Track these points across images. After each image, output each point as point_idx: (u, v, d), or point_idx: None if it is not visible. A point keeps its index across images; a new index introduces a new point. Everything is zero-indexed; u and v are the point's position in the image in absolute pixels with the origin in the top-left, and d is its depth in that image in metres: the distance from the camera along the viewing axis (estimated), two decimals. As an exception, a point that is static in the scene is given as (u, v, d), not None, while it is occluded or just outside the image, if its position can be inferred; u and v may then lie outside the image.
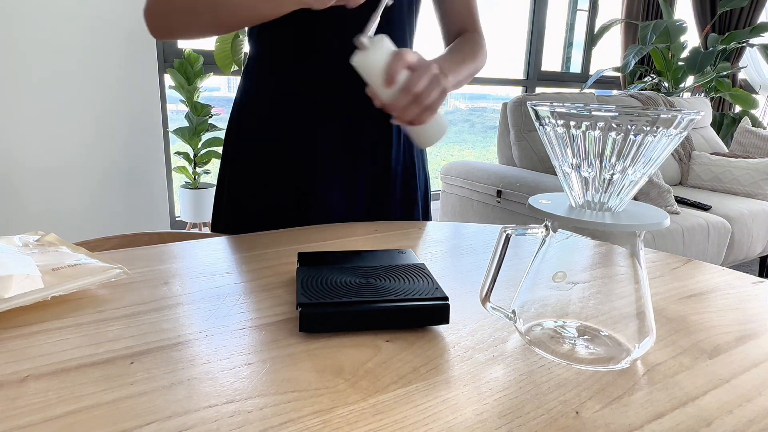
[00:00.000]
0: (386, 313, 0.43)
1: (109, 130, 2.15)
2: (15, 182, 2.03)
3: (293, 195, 0.81)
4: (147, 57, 2.16)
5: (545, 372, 0.39)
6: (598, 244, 0.40)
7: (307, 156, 0.80)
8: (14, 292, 0.44)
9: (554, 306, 0.41)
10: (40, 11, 1.93)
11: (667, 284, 0.58)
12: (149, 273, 0.55)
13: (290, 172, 0.81)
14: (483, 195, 2.37)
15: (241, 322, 0.45)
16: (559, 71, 3.77)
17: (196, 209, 2.37)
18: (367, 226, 0.76)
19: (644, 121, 0.35)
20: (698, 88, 3.78)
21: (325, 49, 0.77)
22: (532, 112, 0.39)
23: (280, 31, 0.77)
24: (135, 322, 0.44)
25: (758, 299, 0.55)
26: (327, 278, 0.47)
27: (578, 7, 3.76)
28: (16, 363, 0.37)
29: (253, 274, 0.56)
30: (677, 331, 0.47)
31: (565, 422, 0.33)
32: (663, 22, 3.39)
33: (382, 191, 0.85)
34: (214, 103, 2.36)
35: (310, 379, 0.37)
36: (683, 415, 0.35)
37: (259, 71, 0.81)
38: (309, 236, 0.70)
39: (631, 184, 0.38)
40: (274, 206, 0.82)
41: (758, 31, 3.44)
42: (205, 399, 0.34)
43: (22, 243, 0.55)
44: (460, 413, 0.34)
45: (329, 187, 0.81)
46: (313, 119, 0.80)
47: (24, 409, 0.32)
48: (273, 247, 0.65)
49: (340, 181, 0.82)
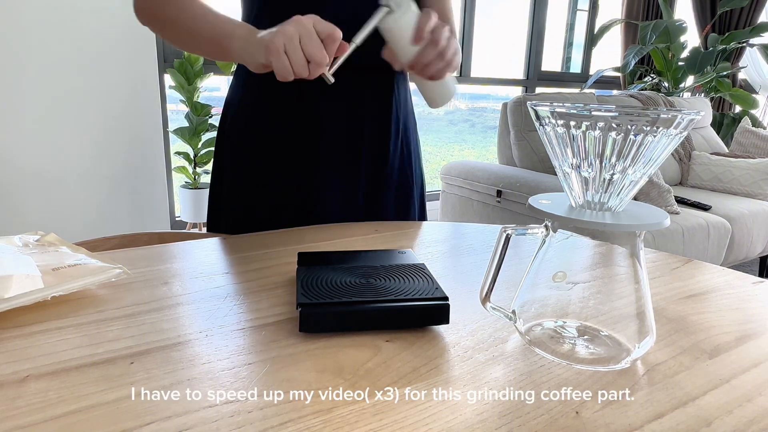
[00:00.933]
0: (386, 313, 0.43)
1: (109, 130, 2.16)
2: (15, 182, 2.03)
3: (294, 189, 0.81)
4: (147, 57, 2.16)
5: (545, 372, 0.39)
6: (598, 244, 0.40)
7: (307, 152, 0.80)
8: (14, 292, 0.44)
9: (554, 306, 0.41)
10: (40, 12, 1.93)
11: (667, 284, 0.58)
12: (149, 273, 0.55)
13: (290, 167, 0.81)
14: (483, 195, 2.37)
15: (241, 322, 0.45)
16: (559, 71, 3.77)
17: (196, 209, 2.37)
18: (367, 226, 0.76)
19: (644, 121, 0.35)
20: (698, 88, 3.78)
21: None
22: (532, 112, 0.39)
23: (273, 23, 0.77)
24: (135, 322, 0.44)
25: (758, 299, 0.55)
26: (327, 278, 0.47)
27: (578, 7, 3.76)
28: (16, 363, 0.37)
29: (253, 274, 0.56)
30: (677, 331, 0.47)
31: (565, 422, 0.33)
32: (663, 22, 3.39)
33: (379, 188, 0.85)
34: (214, 103, 2.36)
35: (310, 379, 0.37)
36: (683, 415, 0.35)
37: None
38: (309, 236, 0.70)
39: (631, 184, 0.38)
40: (274, 204, 0.82)
41: (758, 31, 3.44)
42: (205, 399, 0.34)
43: (22, 243, 0.55)
44: (460, 413, 0.34)
45: (329, 183, 0.81)
46: (311, 113, 0.79)
47: (24, 409, 0.32)
48: (273, 247, 0.65)
49: (340, 177, 0.82)
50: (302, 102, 0.79)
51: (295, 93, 0.78)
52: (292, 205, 0.81)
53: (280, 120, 0.80)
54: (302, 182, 0.81)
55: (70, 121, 2.07)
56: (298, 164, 0.80)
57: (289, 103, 0.79)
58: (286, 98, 0.79)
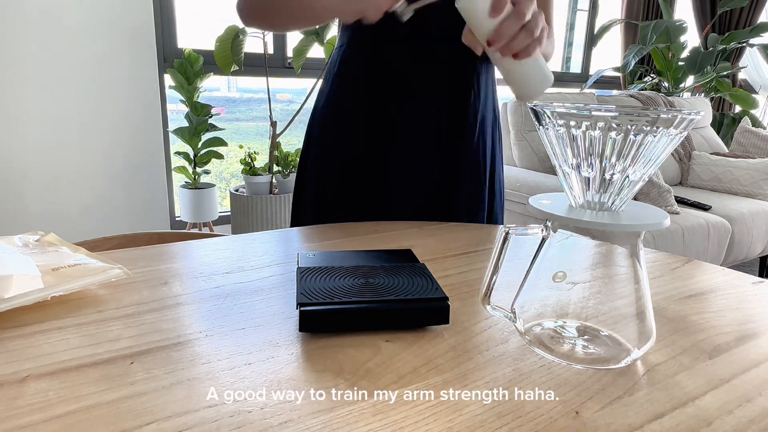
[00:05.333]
0: (386, 313, 0.43)
1: (109, 131, 2.16)
2: (15, 182, 2.03)
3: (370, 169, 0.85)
4: (147, 57, 2.16)
5: (545, 372, 0.39)
6: (598, 244, 0.40)
7: (385, 140, 0.84)
8: (14, 292, 0.44)
9: (554, 306, 0.41)
10: (40, 12, 1.93)
11: (667, 284, 0.58)
12: (149, 273, 0.55)
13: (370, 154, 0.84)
14: (483, 195, 2.37)
15: (241, 322, 0.45)
16: (559, 71, 3.77)
17: (196, 209, 2.37)
18: (367, 226, 0.76)
19: (644, 121, 0.35)
20: (698, 88, 3.78)
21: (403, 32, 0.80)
22: (532, 112, 0.39)
23: (363, 29, 0.82)
24: (135, 322, 0.44)
25: (758, 299, 0.55)
26: (327, 278, 0.47)
27: (578, 7, 3.76)
28: (16, 363, 0.37)
29: (253, 274, 0.56)
30: (677, 331, 0.47)
31: (565, 422, 0.33)
32: (663, 22, 3.39)
33: (452, 185, 0.87)
34: (214, 103, 2.36)
35: (310, 379, 0.37)
36: (683, 415, 0.35)
37: (346, 59, 0.85)
38: (309, 236, 0.70)
39: (631, 184, 0.38)
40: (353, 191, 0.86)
41: (758, 31, 3.44)
42: (205, 399, 0.34)
43: (22, 243, 0.55)
44: (460, 413, 0.34)
45: (404, 174, 0.84)
46: (392, 104, 0.83)
47: (24, 409, 0.32)
48: (273, 247, 0.65)
49: (416, 165, 0.84)
50: (387, 86, 0.82)
51: (378, 82, 0.82)
52: (369, 190, 0.85)
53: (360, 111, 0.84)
54: (379, 168, 0.84)
55: (71, 122, 2.07)
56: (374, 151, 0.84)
57: (372, 92, 0.83)
58: (369, 88, 0.83)
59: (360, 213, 0.86)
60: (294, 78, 2.63)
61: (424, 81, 0.82)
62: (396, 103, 0.82)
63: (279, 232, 0.72)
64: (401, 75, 0.82)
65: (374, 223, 0.77)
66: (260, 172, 2.38)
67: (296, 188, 0.93)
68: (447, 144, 0.85)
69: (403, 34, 0.80)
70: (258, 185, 2.35)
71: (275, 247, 0.65)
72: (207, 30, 2.40)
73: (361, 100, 0.83)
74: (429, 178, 0.85)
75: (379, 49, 0.82)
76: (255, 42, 2.33)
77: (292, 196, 0.94)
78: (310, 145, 0.90)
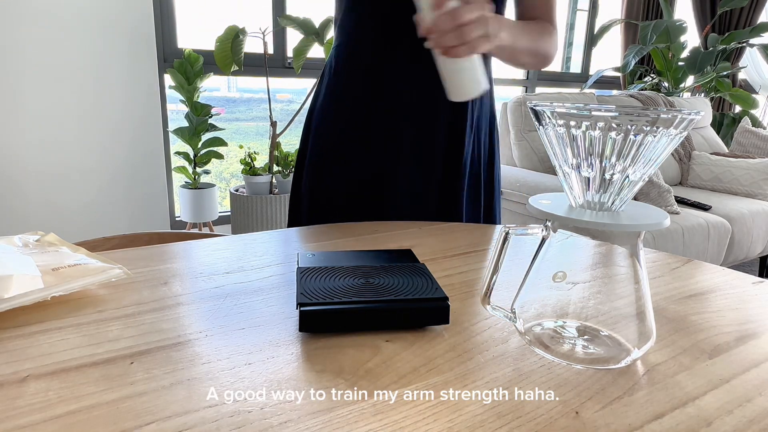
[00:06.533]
0: (386, 313, 0.43)
1: (109, 130, 2.16)
2: (15, 182, 2.03)
3: (370, 174, 0.85)
4: (147, 57, 2.16)
5: (545, 372, 0.39)
6: (598, 244, 0.40)
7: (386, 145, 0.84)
8: (14, 292, 0.44)
9: (554, 306, 0.41)
10: (41, 12, 1.93)
11: (667, 284, 0.58)
12: (149, 273, 0.55)
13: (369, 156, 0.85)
14: (483, 195, 2.37)
15: (241, 322, 0.45)
16: (559, 71, 3.77)
17: (196, 209, 2.37)
18: (367, 226, 0.76)
19: (644, 121, 0.35)
20: (698, 88, 3.78)
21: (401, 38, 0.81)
22: (532, 112, 0.39)
23: (361, 29, 0.83)
24: (135, 322, 0.44)
25: (758, 299, 0.55)
26: (327, 278, 0.47)
27: (578, 7, 3.76)
28: (16, 363, 0.37)
29: (253, 274, 0.56)
30: (677, 331, 0.47)
31: (565, 422, 0.33)
32: (663, 22, 3.39)
33: (453, 186, 0.87)
34: (214, 103, 2.36)
35: (310, 379, 0.37)
36: (683, 415, 0.35)
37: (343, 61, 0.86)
38: (309, 236, 0.70)
39: (631, 184, 0.38)
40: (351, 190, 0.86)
41: (758, 31, 3.44)
42: (205, 399, 0.34)
43: (22, 243, 0.55)
44: (460, 413, 0.34)
45: (405, 173, 0.85)
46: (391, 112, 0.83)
47: (24, 409, 0.32)
48: (273, 247, 0.65)
49: (416, 169, 0.85)
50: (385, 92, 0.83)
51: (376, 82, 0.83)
52: (369, 188, 0.85)
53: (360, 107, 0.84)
54: (379, 166, 0.85)
55: (71, 122, 2.07)
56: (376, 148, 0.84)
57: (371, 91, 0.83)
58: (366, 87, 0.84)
59: (356, 209, 0.87)
60: (294, 78, 2.63)
61: (421, 80, 0.82)
62: (393, 101, 0.83)
63: (279, 232, 0.72)
64: (399, 74, 0.82)
65: (374, 223, 0.77)
66: (260, 172, 2.38)
67: (294, 183, 0.95)
68: (444, 142, 0.86)
69: (402, 35, 0.80)
70: (258, 185, 2.35)
71: (275, 247, 0.65)
72: (207, 30, 2.40)
73: (358, 96, 0.84)
74: (426, 174, 0.86)
75: (378, 50, 0.82)
76: (255, 42, 2.33)
77: (290, 192, 0.95)
78: (307, 139, 0.91)
